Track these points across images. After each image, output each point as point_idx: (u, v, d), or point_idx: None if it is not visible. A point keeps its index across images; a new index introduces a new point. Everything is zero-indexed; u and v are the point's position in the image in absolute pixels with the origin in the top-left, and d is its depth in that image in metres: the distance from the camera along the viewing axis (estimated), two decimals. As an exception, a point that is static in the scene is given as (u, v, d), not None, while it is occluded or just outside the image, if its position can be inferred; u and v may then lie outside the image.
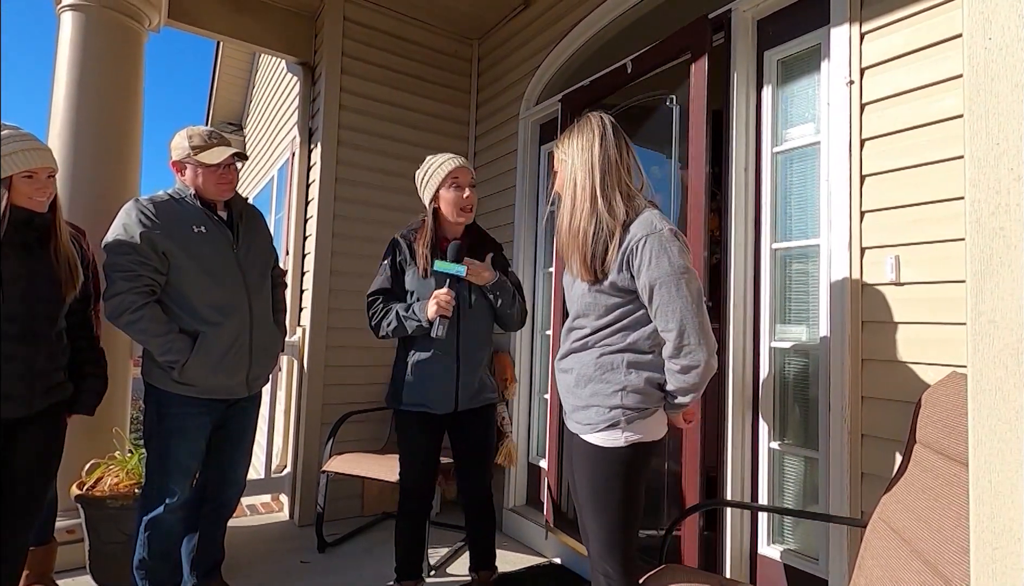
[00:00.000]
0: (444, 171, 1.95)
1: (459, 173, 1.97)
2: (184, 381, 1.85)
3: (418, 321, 1.91)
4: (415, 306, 1.93)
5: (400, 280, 2.02)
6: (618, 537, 1.44)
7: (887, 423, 1.61)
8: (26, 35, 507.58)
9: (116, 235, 1.80)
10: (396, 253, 2.03)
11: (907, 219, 1.59)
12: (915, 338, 1.57)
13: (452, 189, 1.96)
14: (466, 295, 1.98)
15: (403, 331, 1.95)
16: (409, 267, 2.00)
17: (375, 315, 2.00)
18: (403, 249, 2.02)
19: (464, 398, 2.01)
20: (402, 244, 2.03)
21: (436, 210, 2.00)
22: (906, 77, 1.62)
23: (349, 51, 3.27)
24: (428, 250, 1.96)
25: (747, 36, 2.05)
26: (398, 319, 1.94)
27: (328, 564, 2.62)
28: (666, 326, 1.38)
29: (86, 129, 2.55)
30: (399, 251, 2.03)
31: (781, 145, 1.99)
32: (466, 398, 2.01)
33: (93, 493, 2.25)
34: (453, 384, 1.98)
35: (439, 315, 1.85)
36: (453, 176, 1.96)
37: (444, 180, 1.96)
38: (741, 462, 1.97)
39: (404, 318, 1.93)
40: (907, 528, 1.28)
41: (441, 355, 1.96)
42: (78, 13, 2.59)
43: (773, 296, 1.98)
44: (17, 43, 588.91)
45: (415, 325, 1.91)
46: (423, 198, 2.03)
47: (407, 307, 1.95)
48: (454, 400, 1.99)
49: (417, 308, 1.92)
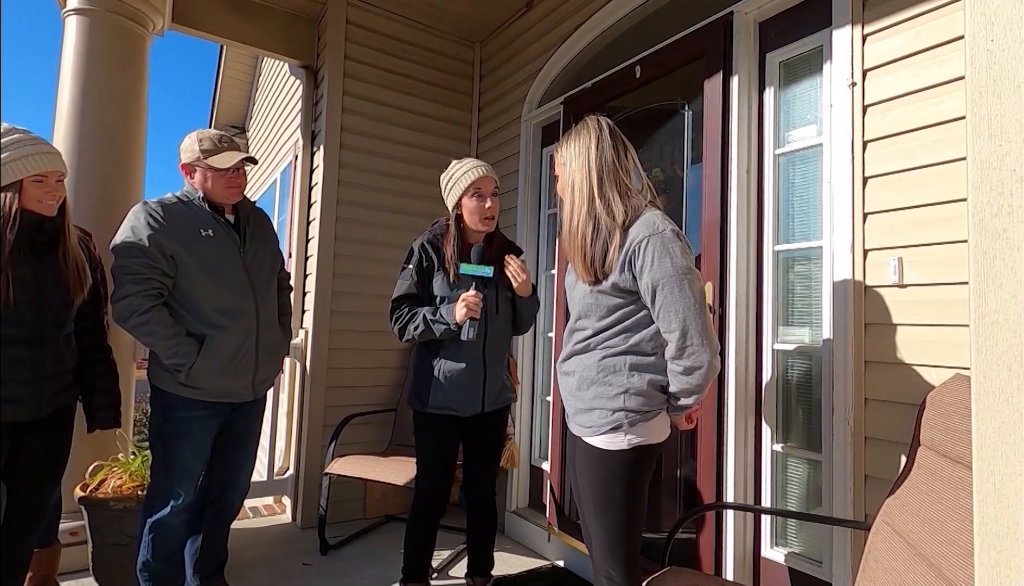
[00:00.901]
0: (467, 181, 1.97)
1: (482, 183, 1.98)
2: (191, 384, 1.85)
3: (446, 324, 1.91)
4: (442, 309, 1.94)
5: (426, 285, 2.02)
6: (621, 540, 1.44)
7: (890, 425, 1.61)
8: (31, 40, 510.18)
9: (124, 237, 1.79)
10: (423, 258, 2.02)
11: (910, 221, 1.59)
12: (918, 340, 1.57)
13: (475, 198, 1.97)
14: (493, 298, 2.00)
15: (430, 334, 1.95)
16: (437, 273, 2.00)
17: (400, 319, 1.99)
18: (430, 254, 2.02)
19: (490, 400, 2.04)
20: (429, 249, 2.02)
21: (459, 216, 2.02)
22: (909, 79, 1.62)
23: (352, 54, 3.28)
24: (456, 254, 1.97)
25: (749, 38, 2.05)
26: (425, 323, 1.94)
27: (331, 567, 2.61)
28: (669, 327, 1.38)
29: (91, 132, 2.57)
30: (425, 256, 2.02)
31: (783, 147, 1.99)
32: (491, 399, 2.05)
33: (96, 495, 2.25)
34: (480, 386, 2.01)
35: (469, 317, 1.86)
36: (476, 186, 1.97)
37: (467, 190, 1.97)
38: (744, 465, 1.97)
39: (432, 322, 1.93)
40: (911, 531, 1.27)
41: (470, 358, 1.98)
42: (82, 17, 2.61)
43: (776, 298, 1.98)
44: (21, 48, 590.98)
45: (443, 328, 1.92)
46: (446, 202, 2.04)
47: (434, 310, 1.96)
48: (481, 402, 2.02)
49: (444, 311, 1.93)
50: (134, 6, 2.69)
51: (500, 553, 2.80)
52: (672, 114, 2.42)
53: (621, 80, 2.58)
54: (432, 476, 2.06)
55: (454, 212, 2.01)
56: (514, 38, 3.38)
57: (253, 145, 6.50)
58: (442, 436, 2.03)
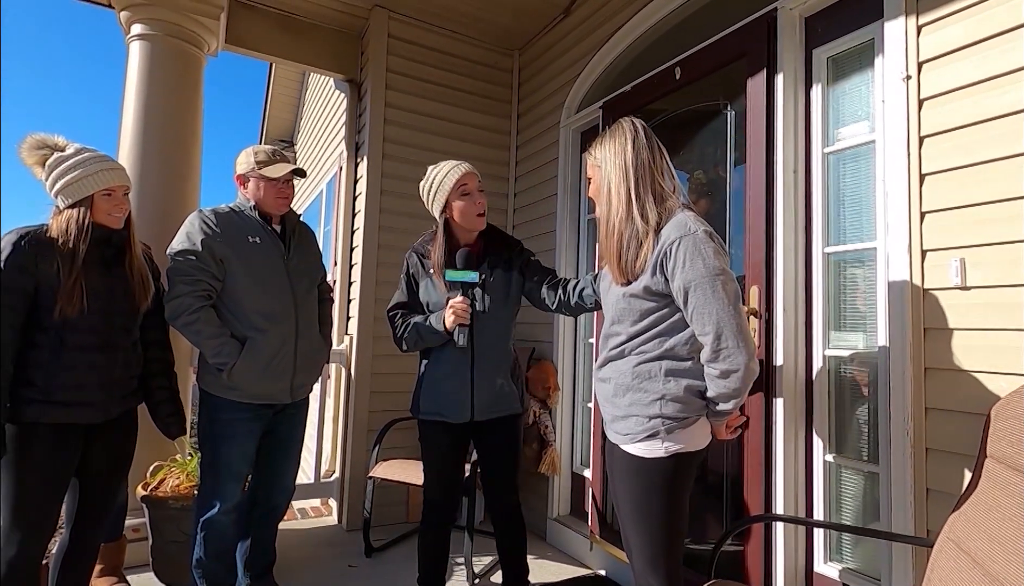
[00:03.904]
0: (451, 181, 1.89)
1: (466, 180, 1.90)
2: (232, 385, 1.93)
3: (438, 332, 1.88)
4: (432, 317, 1.91)
5: (415, 293, 2.01)
6: (661, 551, 1.40)
7: (954, 436, 1.51)
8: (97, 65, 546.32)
9: (180, 242, 1.93)
10: (408, 266, 2.02)
11: (972, 219, 1.50)
12: (983, 345, 1.47)
13: (463, 198, 1.90)
14: (477, 303, 1.92)
15: (424, 343, 1.94)
16: (422, 279, 1.98)
17: (396, 329, 1.99)
18: (415, 262, 2.00)
19: (480, 408, 1.94)
20: (415, 257, 2.01)
21: (447, 220, 1.95)
22: (968, 70, 1.53)
23: (393, 67, 3.37)
24: (442, 260, 1.91)
25: (794, 35, 1.99)
26: (417, 332, 1.92)
27: (375, 569, 2.66)
28: (703, 329, 1.35)
29: (152, 149, 2.73)
30: (411, 264, 2.01)
31: (832, 145, 1.92)
32: (483, 407, 1.95)
33: (156, 494, 2.37)
34: (468, 393, 1.93)
35: (457, 324, 1.82)
36: (461, 184, 1.89)
37: (453, 190, 1.89)
38: (794, 475, 1.89)
39: (424, 330, 1.91)
40: (979, 549, 1.19)
41: (455, 364, 1.92)
42: (144, 42, 2.78)
43: (826, 302, 1.90)
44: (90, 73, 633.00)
45: (436, 336, 1.90)
46: (432, 210, 1.96)
47: (425, 319, 1.93)
48: (470, 410, 1.94)
49: (434, 319, 1.90)
50: (191, 30, 2.85)
51: (541, 560, 2.79)
52: (714, 115, 2.37)
53: (660, 82, 2.55)
54: (436, 485, 2.02)
55: (442, 217, 1.93)
56: (552, 45, 3.39)
57: (300, 158, 6.73)
58: (440, 443, 1.99)
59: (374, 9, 3.32)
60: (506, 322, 2.01)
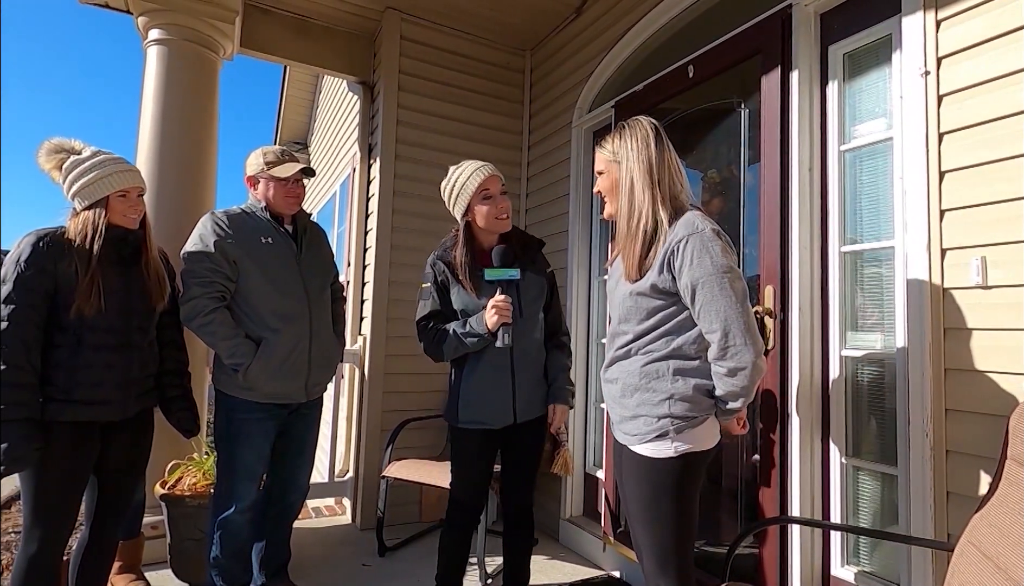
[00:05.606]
0: (474, 185, 1.86)
1: (489, 183, 1.88)
2: (247, 385, 1.95)
3: (479, 335, 1.83)
4: (472, 321, 1.86)
5: (447, 300, 1.95)
6: (672, 552, 1.39)
7: (974, 438, 1.48)
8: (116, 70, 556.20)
9: (193, 244, 1.95)
10: (435, 274, 1.96)
11: (993, 217, 1.47)
12: (1005, 346, 1.44)
13: (486, 201, 1.87)
14: (516, 302, 1.88)
15: (464, 348, 1.88)
16: (453, 285, 1.92)
17: (430, 340, 1.93)
18: (441, 269, 1.95)
19: (522, 410, 1.93)
20: (440, 264, 1.95)
21: (469, 223, 1.92)
22: (989, 65, 1.50)
23: (405, 68, 3.38)
24: (468, 263, 1.89)
25: (809, 31, 1.96)
26: (457, 338, 1.86)
27: (388, 568, 2.67)
28: (710, 327, 1.34)
29: (169, 152, 2.76)
30: (438, 272, 1.95)
31: (849, 143, 1.89)
32: (524, 409, 1.94)
33: (174, 492, 2.40)
34: (510, 397, 1.91)
35: (502, 323, 1.78)
36: (483, 188, 1.87)
37: (475, 195, 1.87)
38: (811, 477, 1.87)
39: (463, 336, 1.85)
40: (1001, 554, 1.17)
41: (495, 369, 1.89)
42: (162, 47, 2.82)
43: (843, 301, 1.87)
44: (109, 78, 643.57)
45: (476, 340, 1.84)
46: (453, 212, 1.94)
47: (463, 324, 1.87)
48: (512, 413, 1.92)
49: (474, 322, 1.85)
50: (207, 34, 2.89)
51: (554, 561, 2.79)
52: (727, 113, 2.35)
53: (673, 81, 2.53)
54: (466, 488, 1.99)
55: (464, 220, 1.90)
56: (564, 44, 3.38)
57: (314, 160, 6.78)
58: (476, 449, 1.95)
59: (386, 11, 3.34)
60: (539, 321, 2.00)
